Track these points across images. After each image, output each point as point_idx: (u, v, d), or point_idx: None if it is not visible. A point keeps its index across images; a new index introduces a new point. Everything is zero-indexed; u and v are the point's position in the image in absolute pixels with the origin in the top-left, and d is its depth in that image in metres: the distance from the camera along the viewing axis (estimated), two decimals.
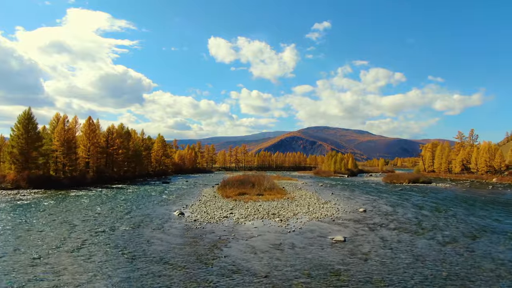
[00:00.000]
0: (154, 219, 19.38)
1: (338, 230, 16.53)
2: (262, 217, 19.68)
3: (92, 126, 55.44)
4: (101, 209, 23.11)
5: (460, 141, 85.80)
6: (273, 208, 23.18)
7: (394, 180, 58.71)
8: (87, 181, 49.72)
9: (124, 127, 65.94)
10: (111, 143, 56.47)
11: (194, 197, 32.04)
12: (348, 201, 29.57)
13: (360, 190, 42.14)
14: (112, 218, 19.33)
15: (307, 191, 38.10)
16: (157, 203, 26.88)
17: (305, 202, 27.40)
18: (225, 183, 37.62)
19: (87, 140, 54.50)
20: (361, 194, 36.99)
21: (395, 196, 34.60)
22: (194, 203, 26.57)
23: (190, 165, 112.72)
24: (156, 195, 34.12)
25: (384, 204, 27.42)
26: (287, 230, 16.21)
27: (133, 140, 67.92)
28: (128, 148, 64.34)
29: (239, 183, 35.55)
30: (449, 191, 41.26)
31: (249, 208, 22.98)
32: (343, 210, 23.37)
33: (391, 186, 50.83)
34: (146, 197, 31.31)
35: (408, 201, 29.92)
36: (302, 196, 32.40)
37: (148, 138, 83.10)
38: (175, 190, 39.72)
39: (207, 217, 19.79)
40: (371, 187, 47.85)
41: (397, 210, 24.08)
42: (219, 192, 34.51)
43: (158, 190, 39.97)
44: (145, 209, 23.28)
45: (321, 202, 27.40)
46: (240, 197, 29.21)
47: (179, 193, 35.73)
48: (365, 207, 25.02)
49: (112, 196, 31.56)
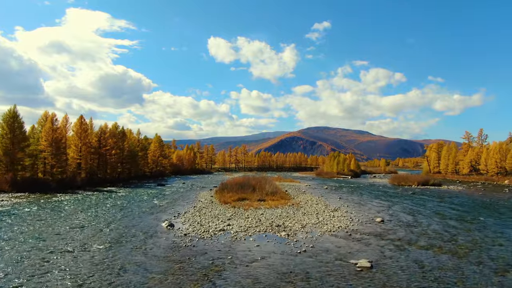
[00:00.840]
0: (138, 233, 16.39)
1: (359, 249, 13.55)
2: (265, 230, 16.70)
3: (84, 125, 52.51)
4: (81, 218, 20.14)
5: (467, 141, 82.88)
6: (277, 218, 20.21)
7: (401, 182, 55.73)
8: (77, 183, 46.79)
9: (118, 127, 62.95)
10: (104, 143, 53.49)
11: (189, 202, 29.06)
12: (360, 207, 26.58)
13: (369, 194, 39.16)
14: (88, 231, 16.37)
15: (312, 195, 35.13)
16: (147, 210, 23.91)
17: (312, 209, 24.42)
18: (224, 187, 34.66)
19: (79, 140, 51.58)
20: (371, 198, 34.01)
21: (408, 201, 31.62)
22: (187, 211, 23.60)
23: (189, 166, 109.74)
24: (148, 199, 31.16)
25: (401, 212, 24.43)
26: (297, 250, 13.22)
27: (128, 140, 64.93)
28: (122, 148, 61.39)
29: (239, 186, 32.58)
30: (464, 195, 38.28)
31: (249, 218, 19.99)
32: (358, 220, 20.38)
33: (400, 189, 47.84)
34: (136, 203, 28.34)
35: (426, 208, 26.94)
36: (308, 201, 29.42)
37: (144, 138, 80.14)
38: (170, 194, 36.75)
39: (200, 230, 16.82)
40: (379, 190, 44.87)
41: (419, 219, 21.09)
42: (217, 197, 31.55)
43: (152, 193, 37.00)
44: (131, 219, 20.31)
45: (330, 210, 24.42)
46: (240, 203, 26.24)
47: (173, 198, 32.75)
48: (381, 216, 22.05)
49: (99, 201, 28.58)
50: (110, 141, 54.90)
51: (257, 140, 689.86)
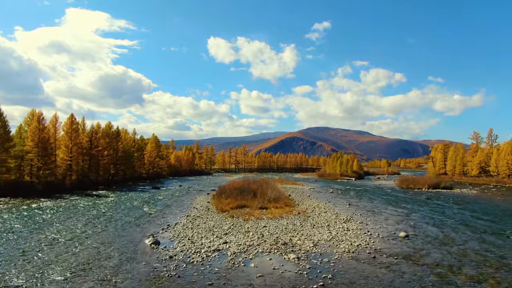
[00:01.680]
0: (114, 253, 13.42)
1: (391, 281, 10.58)
2: (269, 251, 13.72)
3: (74, 125, 49.57)
4: (54, 231, 17.17)
5: (475, 141, 79.92)
6: (283, 232, 17.23)
7: (410, 185, 52.69)
8: (66, 186, 43.88)
9: (112, 126, 59.98)
10: (95, 144, 50.49)
11: (183, 210, 26.08)
12: (375, 217, 23.58)
13: (379, 199, 36.16)
14: (55, 251, 13.42)
15: (319, 201, 32.13)
16: (133, 221, 20.93)
17: (321, 219, 21.44)
18: (222, 191, 31.67)
19: (69, 141, 48.64)
20: (383, 204, 31.03)
21: (425, 208, 28.63)
22: (179, 221, 20.63)
23: (187, 167, 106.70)
24: (138, 206, 28.18)
25: (423, 223, 21.43)
26: (312, 284, 10.25)
27: (122, 141, 61.95)
28: (116, 149, 58.42)
29: (238, 191, 29.58)
30: (483, 200, 35.27)
31: (250, 232, 17.01)
32: (377, 234, 17.39)
33: (411, 193, 44.82)
34: (124, 210, 25.36)
35: (449, 217, 23.96)
36: (315, 208, 26.43)
37: (140, 139, 77.12)
38: (163, 199, 33.77)
39: (191, 249, 13.86)
40: (389, 194, 41.88)
41: (448, 233, 18.10)
42: (214, 203, 28.59)
43: (144, 198, 34.03)
44: (112, 233, 17.34)
45: (342, 220, 21.44)
46: (239, 212, 23.26)
47: (166, 204, 29.76)
48: (403, 228, 19.08)
49: (83, 208, 25.59)
50: (102, 141, 51.93)
51: (257, 140, 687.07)
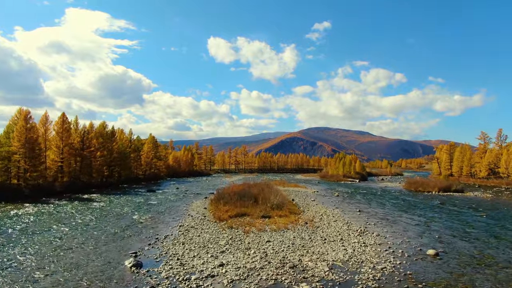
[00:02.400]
0: (83, 282, 10.82)
1: None
2: (275, 278, 11.08)
3: (66, 124, 47.03)
4: (20, 247, 14.56)
5: (483, 142, 77.29)
6: (290, 249, 14.62)
7: (419, 188, 50.04)
8: (56, 189, 41.40)
9: (106, 126, 57.39)
10: (87, 144, 47.86)
11: (176, 218, 23.47)
12: (391, 226, 20.95)
13: (390, 204, 33.53)
14: (9, 278, 10.83)
15: (326, 207, 29.50)
16: (118, 232, 18.34)
17: (332, 230, 18.83)
18: (220, 196, 29.06)
19: (60, 141, 46.12)
20: (396, 210, 28.41)
21: (444, 216, 26.01)
22: (170, 233, 18.04)
23: (186, 168, 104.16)
24: (128, 212, 25.58)
25: (450, 235, 18.78)
26: None
27: (117, 141, 59.38)
28: (111, 149, 55.85)
29: (238, 197, 26.95)
30: (502, 205, 32.60)
31: (251, 250, 14.39)
32: (401, 252, 14.76)
33: (421, 197, 42.19)
34: (111, 218, 22.76)
35: (474, 227, 21.34)
36: (322, 216, 23.81)
37: (137, 139, 74.53)
38: (157, 204, 31.16)
39: (179, 274, 11.26)
40: (399, 198, 39.24)
41: (484, 250, 15.47)
42: (211, 209, 26.00)
43: (136, 203, 31.43)
44: (89, 249, 14.73)
45: (355, 231, 18.82)
46: (239, 221, 20.66)
47: (159, 210, 27.15)
48: (428, 243, 16.48)
49: (67, 216, 22.97)
50: (95, 141, 49.34)
51: (257, 140, 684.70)
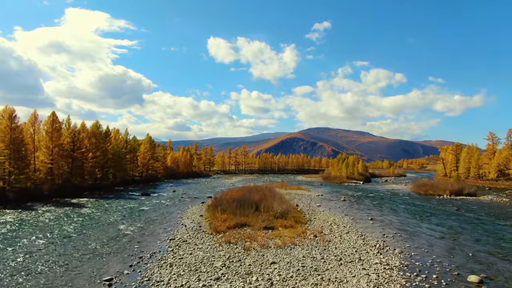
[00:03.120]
0: None
1: None
2: None
3: (56, 124, 44.44)
4: None
5: (491, 142, 74.67)
6: (300, 274, 12.00)
7: (429, 191, 47.40)
8: (44, 193, 38.82)
9: (100, 126, 54.76)
10: (78, 145, 45.23)
11: (168, 228, 20.88)
12: (412, 240, 18.33)
13: (403, 210, 30.89)
14: None
15: (334, 214, 26.88)
16: (99, 248, 15.76)
17: (346, 246, 16.23)
18: (218, 202, 26.44)
19: (50, 141, 43.54)
20: (412, 218, 25.78)
21: (467, 226, 23.38)
22: (158, 250, 15.44)
23: (185, 169, 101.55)
24: (115, 221, 23.00)
25: (485, 253, 16.11)
26: None
27: (112, 142, 56.76)
28: (105, 150, 53.29)
29: (237, 204, 24.35)
30: None
31: (252, 276, 11.76)
32: (436, 277, 12.10)
33: (434, 201, 39.56)
34: (95, 228, 20.16)
35: (503, 239, 18.77)
36: (332, 226, 21.22)
37: (133, 139, 71.89)
38: (149, 210, 28.56)
39: None
40: (410, 203, 36.61)
41: None
42: (208, 217, 23.41)
43: (127, 209, 28.83)
44: (58, 271, 12.12)
45: (373, 247, 16.21)
46: (238, 234, 18.06)
47: (150, 218, 24.55)
48: (464, 263, 13.89)
49: (45, 225, 20.34)
50: (87, 142, 46.73)
51: (258, 141, 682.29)
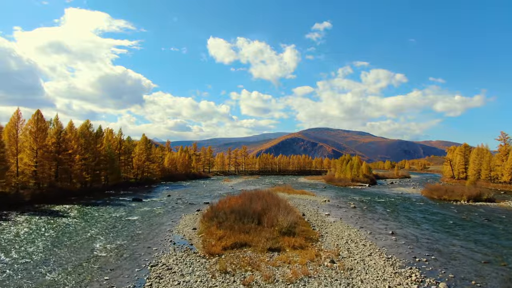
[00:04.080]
0: None
1: None
2: None
3: (40, 123, 41.09)
4: None
5: (503, 143, 71.28)
6: None
7: (444, 196, 43.92)
8: (24, 199, 35.49)
9: (90, 126, 51.36)
10: (64, 147, 41.76)
11: (153, 247, 17.41)
12: (454, 267, 14.87)
13: (424, 221, 27.42)
14: None
15: (347, 226, 23.42)
16: (59, 279, 12.34)
17: (373, 276, 12.79)
18: (215, 213, 23.00)
19: (34, 142, 40.20)
20: (438, 232, 22.35)
21: (503, 241, 20.02)
22: (132, 285, 12.06)
23: (183, 170, 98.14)
24: (93, 236, 19.58)
25: None
26: None
27: (103, 143, 53.36)
28: (96, 152, 49.94)
29: (236, 216, 20.94)
30: None
31: None
32: None
33: (453, 208, 36.12)
34: (64, 248, 16.68)
35: None
36: (349, 245, 17.79)
37: (127, 140, 68.47)
38: (136, 221, 25.13)
39: None
40: (428, 211, 33.18)
41: None
42: (202, 232, 20.00)
43: (111, 219, 25.40)
44: None
45: (407, 278, 12.81)
46: (236, 258, 14.63)
47: (134, 233, 21.11)
48: None
49: (8, 242, 16.95)
50: (73, 143, 43.30)
51: (258, 141, 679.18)
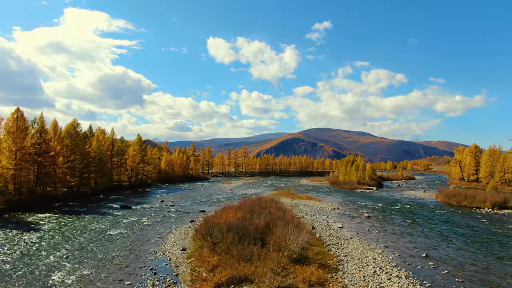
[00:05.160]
0: None
1: None
2: None
3: (20, 122, 37.18)
4: None
5: None
6: None
7: (463, 201, 40.04)
8: None
9: (78, 125, 47.34)
10: (45, 148, 37.76)
11: (126, 279, 13.51)
12: None
13: (455, 236, 23.48)
14: None
15: (368, 245, 19.47)
16: None
17: None
18: (209, 229, 19.07)
19: (13, 143, 36.30)
20: (480, 253, 18.44)
21: None
22: None
23: (181, 172, 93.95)
24: (54, 263, 15.63)
25: None
26: None
27: (92, 144, 49.42)
28: (85, 154, 45.97)
29: (235, 235, 17.01)
30: None
31: None
32: None
33: (478, 217, 32.18)
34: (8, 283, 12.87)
35: None
36: (379, 275, 13.84)
37: (120, 140, 64.44)
38: (116, 238, 21.15)
39: None
40: (454, 222, 29.24)
41: None
42: (192, 255, 16.09)
43: (88, 234, 21.46)
44: None
45: None
46: None
47: (108, 257, 17.12)
48: None
49: None
50: (56, 144, 39.34)
51: (258, 141, 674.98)
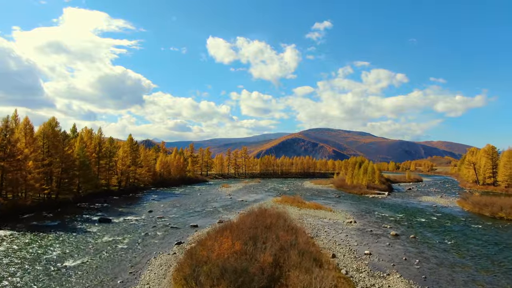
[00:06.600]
0: None
1: None
2: None
3: None
4: None
5: None
6: None
7: (498, 213, 34.60)
8: None
9: (57, 124, 41.76)
10: (10, 151, 32.15)
11: None
12: None
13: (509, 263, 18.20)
14: None
15: None
16: None
17: None
18: (194, 268, 13.69)
19: None
20: None
21: None
22: None
23: (177, 174, 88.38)
24: None
25: None
26: None
27: (72, 146, 43.92)
28: (65, 157, 40.50)
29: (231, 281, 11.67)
30: None
31: None
32: None
33: None
34: None
35: None
36: None
37: (109, 141, 58.90)
38: (70, 275, 15.75)
39: None
40: (505, 243, 23.92)
41: None
42: None
43: (38, 265, 15.98)
44: None
45: None
46: None
47: None
48: None
49: None
50: (23, 146, 33.83)
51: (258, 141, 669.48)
